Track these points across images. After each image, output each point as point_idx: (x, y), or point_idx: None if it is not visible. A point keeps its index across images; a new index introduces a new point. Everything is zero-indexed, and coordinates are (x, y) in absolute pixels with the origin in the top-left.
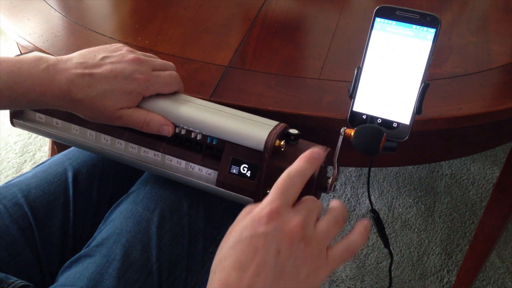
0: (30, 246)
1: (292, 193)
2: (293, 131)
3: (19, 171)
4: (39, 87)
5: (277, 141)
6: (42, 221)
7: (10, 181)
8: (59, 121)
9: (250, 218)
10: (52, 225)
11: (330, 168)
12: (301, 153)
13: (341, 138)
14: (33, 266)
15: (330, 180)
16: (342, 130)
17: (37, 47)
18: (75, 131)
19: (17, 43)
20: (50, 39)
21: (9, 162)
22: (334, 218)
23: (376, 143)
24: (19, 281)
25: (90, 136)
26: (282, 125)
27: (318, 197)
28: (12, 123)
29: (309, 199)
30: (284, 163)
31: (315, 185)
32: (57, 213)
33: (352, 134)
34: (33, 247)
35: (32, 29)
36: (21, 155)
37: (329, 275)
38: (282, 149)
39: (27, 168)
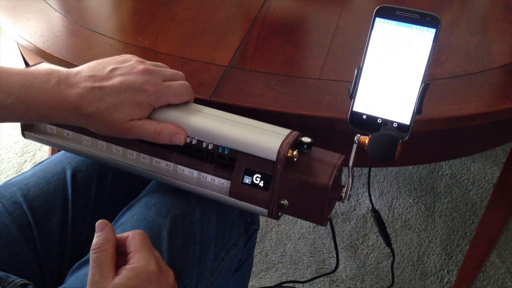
0: (30, 245)
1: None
2: (306, 139)
3: (19, 171)
4: (50, 102)
5: (290, 151)
6: (41, 219)
7: (9, 180)
8: (70, 133)
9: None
10: (51, 224)
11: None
12: (314, 162)
13: (355, 146)
14: (33, 264)
15: (344, 189)
16: (356, 138)
17: (37, 47)
18: (86, 142)
19: (17, 43)
20: (50, 39)
21: (9, 162)
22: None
23: (392, 151)
24: (19, 280)
25: (102, 147)
26: (295, 133)
27: (332, 206)
28: (24, 135)
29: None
30: (298, 173)
31: (329, 196)
32: (56, 211)
33: (367, 141)
34: (32, 245)
35: (32, 29)
36: (21, 155)
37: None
38: (295, 159)
39: (27, 168)
